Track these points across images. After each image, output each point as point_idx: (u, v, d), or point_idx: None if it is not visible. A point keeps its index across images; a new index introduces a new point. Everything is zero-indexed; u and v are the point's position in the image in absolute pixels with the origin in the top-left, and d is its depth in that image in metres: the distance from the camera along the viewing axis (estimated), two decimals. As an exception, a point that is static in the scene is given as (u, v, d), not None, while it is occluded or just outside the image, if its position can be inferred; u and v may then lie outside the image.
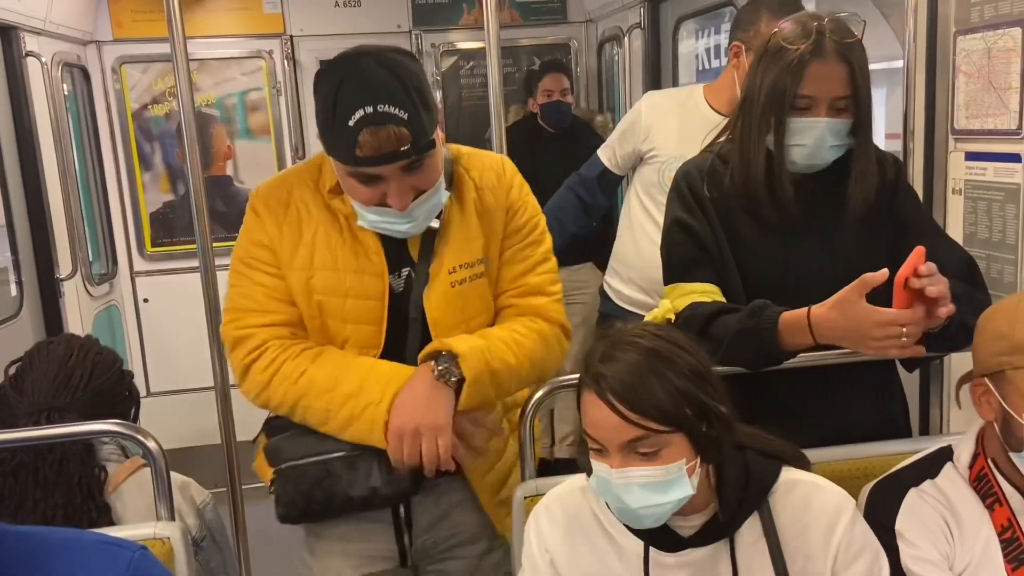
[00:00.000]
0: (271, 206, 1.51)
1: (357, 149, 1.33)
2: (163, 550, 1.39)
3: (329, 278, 1.48)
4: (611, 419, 1.14)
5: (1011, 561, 1.26)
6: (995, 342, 1.27)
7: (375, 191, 1.39)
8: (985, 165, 1.79)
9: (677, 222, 1.60)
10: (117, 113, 4.16)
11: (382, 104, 1.31)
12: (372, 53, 1.38)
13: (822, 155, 1.50)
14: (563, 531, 1.28)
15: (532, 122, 3.93)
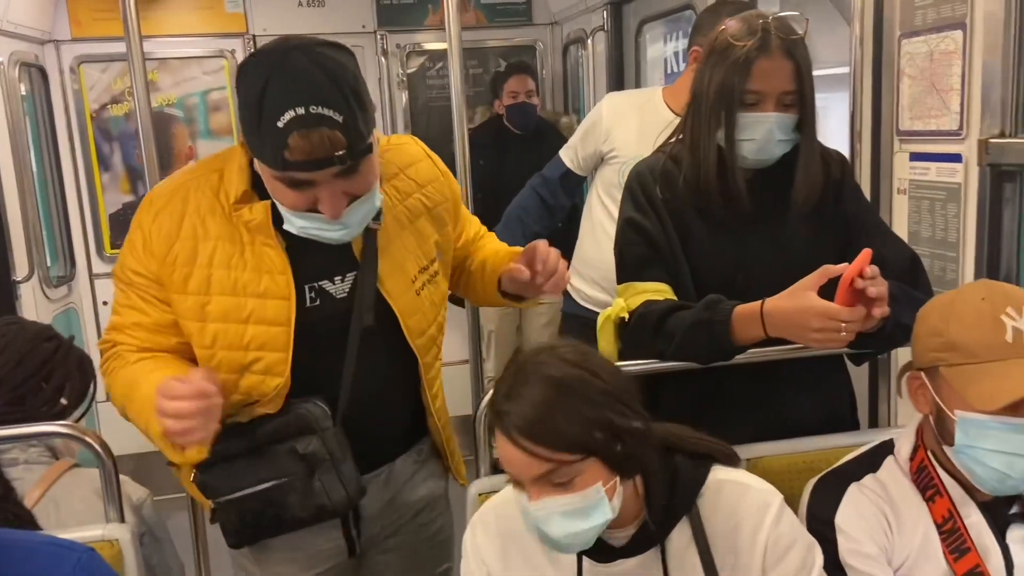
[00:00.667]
0: (162, 225, 1.37)
1: (286, 152, 1.21)
2: (112, 552, 1.38)
3: (227, 303, 1.37)
4: (518, 456, 1.12)
5: (953, 552, 1.28)
6: (930, 338, 1.29)
7: (305, 196, 1.28)
8: (928, 165, 1.83)
9: (630, 222, 1.62)
10: (75, 113, 4.10)
11: (315, 105, 1.20)
12: (302, 47, 1.25)
13: (771, 150, 1.53)
14: (499, 544, 1.28)
15: (498, 123, 3.95)
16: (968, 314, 1.25)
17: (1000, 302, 1.24)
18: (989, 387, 1.21)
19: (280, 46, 1.27)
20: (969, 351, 1.23)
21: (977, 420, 1.22)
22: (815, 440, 1.60)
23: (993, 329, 1.22)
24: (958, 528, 1.29)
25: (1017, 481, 1.24)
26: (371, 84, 4.40)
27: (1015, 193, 1.68)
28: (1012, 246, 1.70)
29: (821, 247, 1.59)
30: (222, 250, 1.37)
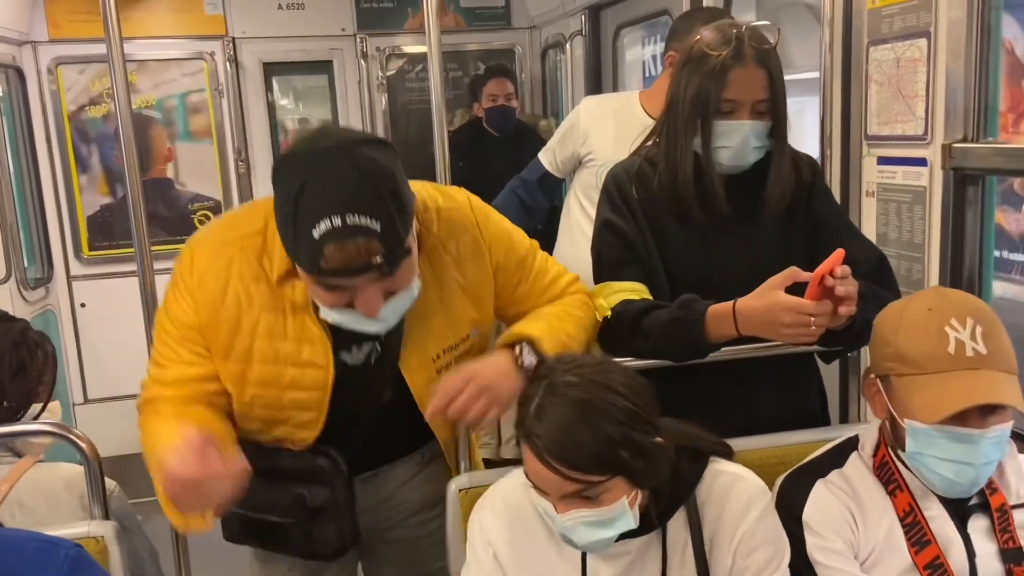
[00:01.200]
0: (207, 289, 1.35)
1: (322, 261, 1.17)
2: (97, 548, 1.39)
3: (267, 372, 1.38)
4: (549, 476, 1.17)
5: (914, 544, 1.32)
6: (882, 347, 1.34)
7: (341, 296, 1.25)
8: (895, 169, 1.89)
9: (606, 224, 1.66)
10: (53, 114, 4.08)
11: (351, 214, 1.15)
12: (340, 149, 1.19)
13: (746, 156, 1.58)
14: (505, 524, 1.32)
15: (477, 126, 3.97)
16: (915, 325, 1.28)
17: (946, 313, 1.27)
18: (931, 398, 1.24)
19: (317, 145, 1.22)
20: (914, 362, 1.27)
21: (923, 429, 1.26)
22: (786, 436, 1.64)
23: (936, 341, 1.25)
24: (919, 521, 1.33)
25: (964, 487, 1.28)
26: (350, 87, 4.45)
27: (977, 196, 1.74)
28: (974, 247, 1.75)
29: (792, 248, 1.63)
30: (265, 320, 1.36)
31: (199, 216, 4.29)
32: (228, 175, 4.30)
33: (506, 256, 1.50)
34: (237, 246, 1.36)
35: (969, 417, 1.24)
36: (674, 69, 1.65)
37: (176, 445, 1.22)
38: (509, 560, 1.31)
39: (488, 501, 1.36)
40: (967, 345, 1.24)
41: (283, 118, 4.46)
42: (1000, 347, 1.26)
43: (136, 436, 3.94)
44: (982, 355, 1.24)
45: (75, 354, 4.18)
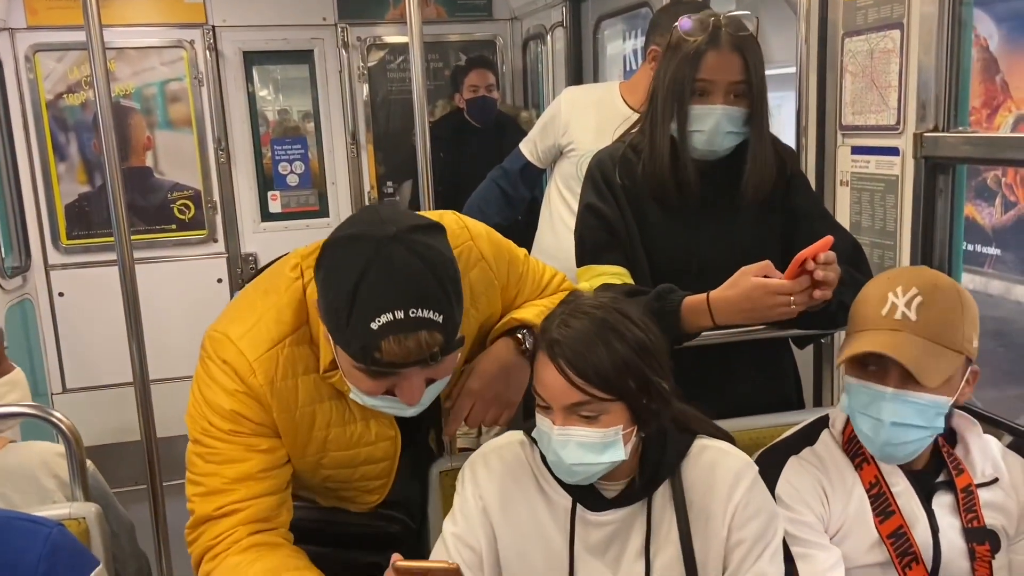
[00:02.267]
0: (282, 395, 1.29)
1: (377, 353, 1.12)
2: (79, 530, 1.40)
3: (343, 457, 1.37)
4: (559, 382, 1.21)
5: (879, 514, 1.37)
6: (851, 322, 1.40)
7: (383, 383, 1.20)
8: (868, 158, 1.93)
9: (589, 207, 1.69)
10: (30, 102, 4.04)
11: (415, 308, 1.10)
12: (400, 237, 1.13)
13: (719, 141, 1.60)
14: (499, 479, 1.34)
15: (458, 117, 3.98)
16: (869, 289, 1.37)
17: (897, 281, 1.34)
18: (846, 347, 1.34)
19: (375, 231, 1.14)
20: (854, 320, 1.37)
21: (849, 382, 1.35)
22: (760, 418, 1.67)
23: (876, 303, 1.33)
24: (884, 492, 1.38)
25: (879, 444, 1.32)
26: (331, 77, 4.44)
27: (947, 185, 1.78)
28: (944, 236, 1.79)
29: (769, 236, 1.67)
30: (335, 412, 1.34)
31: (178, 206, 4.27)
32: (208, 164, 4.28)
33: (508, 275, 1.51)
34: (290, 340, 1.30)
35: (890, 377, 1.30)
36: (658, 60, 1.68)
37: None
38: (498, 515, 1.33)
39: (482, 456, 1.38)
40: (899, 309, 1.31)
41: (263, 108, 4.44)
42: (933, 320, 1.31)
43: (117, 425, 3.91)
44: (909, 320, 1.30)
45: (53, 344, 4.15)
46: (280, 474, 1.32)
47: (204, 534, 1.29)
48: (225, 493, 1.28)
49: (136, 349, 2.40)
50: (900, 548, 1.36)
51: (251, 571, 1.25)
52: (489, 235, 1.50)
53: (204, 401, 1.30)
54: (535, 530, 1.32)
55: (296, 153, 4.46)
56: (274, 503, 1.30)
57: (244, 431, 1.29)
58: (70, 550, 1.20)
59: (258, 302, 1.33)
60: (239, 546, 1.27)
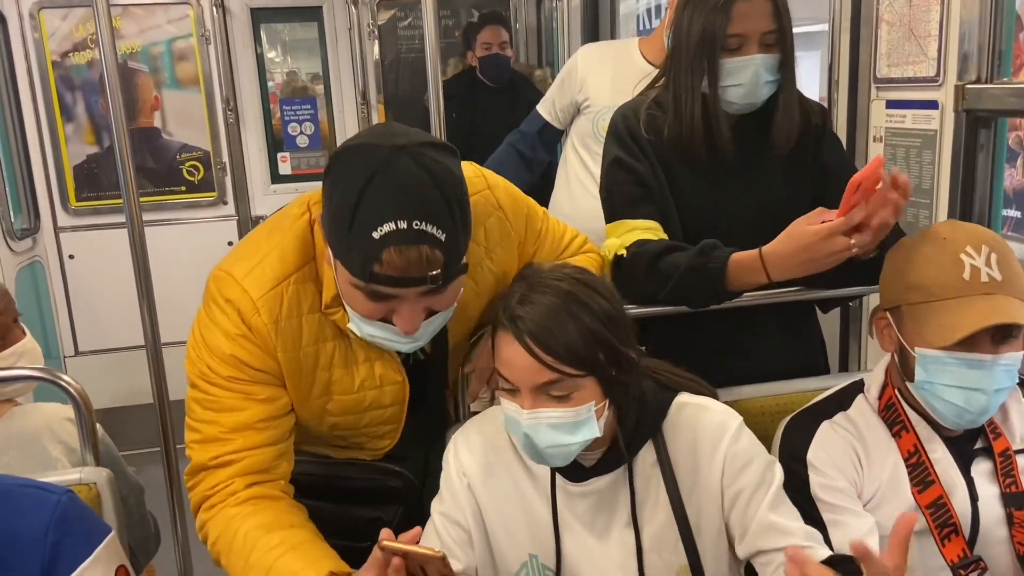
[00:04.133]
0: (286, 334, 1.25)
1: (376, 265, 1.09)
2: (89, 495, 1.37)
3: (348, 401, 1.33)
4: (526, 361, 1.15)
5: (916, 484, 1.32)
6: (894, 279, 1.33)
7: (382, 307, 1.17)
8: (904, 112, 1.84)
9: (617, 161, 1.61)
10: (36, 61, 3.97)
11: (419, 220, 1.07)
12: (410, 149, 1.11)
13: (759, 92, 1.52)
14: (480, 456, 1.31)
15: (471, 75, 3.90)
16: (929, 254, 1.28)
17: (961, 241, 1.26)
18: (944, 324, 1.24)
19: (384, 142, 1.12)
20: (927, 290, 1.27)
21: (934, 356, 1.26)
22: (787, 384, 1.62)
23: (951, 268, 1.25)
24: (923, 462, 1.33)
25: (975, 415, 1.27)
26: (341, 35, 4.34)
27: (989, 139, 1.70)
28: (985, 192, 1.72)
29: (798, 193, 1.60)
30: (339, 349, 1.30)
31: (188, 167, 4.21)
32: (216, 125, 4.21)
33: (526, 229, 1.46)
34: (295, 277, 1.26)
35: (980, 343, 1.23)
36: (675, 12, 1.59)
37: None
38: (482, 490, 1.30)
39: (463, 433, 1.35)
40: (982, 271, 1.24)
41: (272, 67, 4.36)
42: (1014, 274, 1.26)
43: (129, 388, 3.92)
44: (997, 281, 1.24)
45: (64, 306, 4.14)
46: (280, 424, 1.29)
47: (202, 482, 1.27)
48: (222, 442, 1.25)
49: (147, 311, 2.37)
50: (940, 519, 1.31)
51: (246, 525, 1.22)
52: (507, 186, 1.45)
53: (204, 344, 1.27)
54: (519, 504, 1.29)
55: (306, 114, 4.39)
56: (272, 454, 1.27)
57: (243, 377, 1.25)
58: (80, 517, 1.18)
59: (263, 241, 1.30)
60: (236, 498, 1.24)
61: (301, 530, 1.24)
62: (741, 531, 1.25)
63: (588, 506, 1.26)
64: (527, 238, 1.47)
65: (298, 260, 1.27)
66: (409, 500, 1.47)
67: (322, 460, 1.47)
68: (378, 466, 1.46)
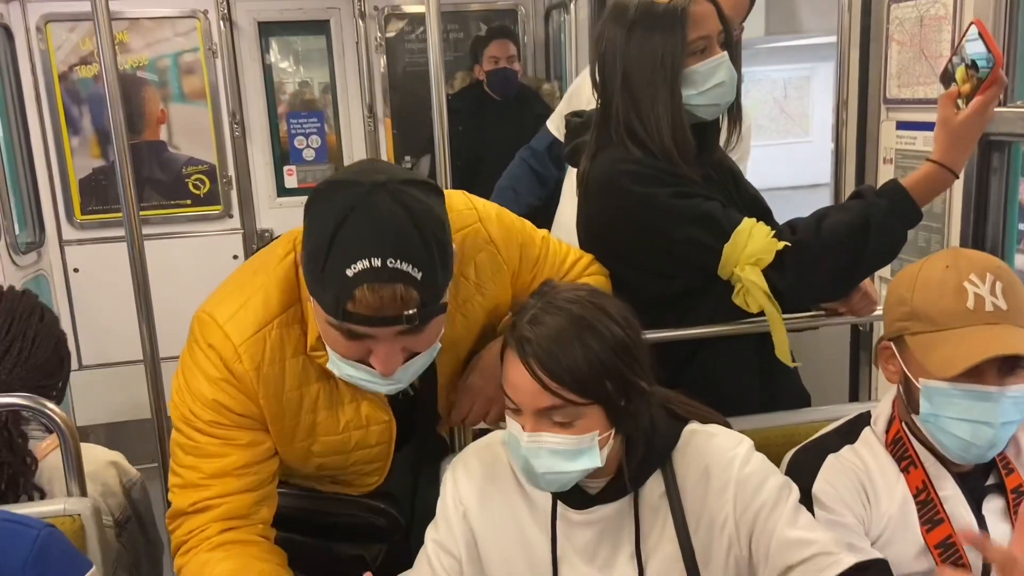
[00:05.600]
0: (268, 379, 1.24)
1: (350, 303, 1.07)
2: (73, 527, 1.34)
3: (333, 442, 1.31)
4: (530, 384, 1.12)
5: (926, 523, 1.28)
6: (896, 307, 1.29)
7: (358, 347, 1.15)
8: (915, 134, 1.80)
9: (671, 196, 1.45)
10: (43, 74, 3.96)
11: (393, 258, 1.05)
12: (389, 187, 1.09)
13: (734, 89, 1.51)
14: (478, 483, 1.27)
15: (478, 89, 3.87)
16: (932, 282, 1.25)
17: (964, 269, 1.23)
18: (947, 353, 1.20)
19: (362, 179, 1.10)
20: (931, 319, 1.23)
21: (939, 388, 1.22)
22: (793, 414, 1.58)
23: (955, 297, 1.22)
24: (932, 499, 1.29)
25: (982, 449, 1.23)
26: (348, 49, 4.33)
27: (1003, 163, 1.66)
28: (999, 218, 1.68)
29: None
30: (324, 391, 1.28)
31: (193, 180, 4.20)
32: (223, 139, 4.20)
33: (521, 260, 1.43)
34: (279, 321, 1.24)
35: (986, 375, 1.20)
36: (602, 49, 1.52)
37: None
38: (478, 520, 1.26)
39: (462, 460, 1.31)
40: (986, 300, 1.21)
41: (279, 80, 4.35)
42: (1021, 304, 1.22)
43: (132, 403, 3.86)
44: (1002, 310, 1.20)
45: (69, 320, 4.12)
46: (261, 470, 1.28)
47: (180, 527, 1.26)
48: (201, 488, 1.24)
49: (146, 326, 2.35)
50: (949, 558, 1.26)
51: (216, 570, 1.20)
52: (500, 217, 1.41)
53: (187, 388, 1.26)
54: (517, 534, 1.25)
55: (312, 127, 4.37)
56: (251, 500, 1.26)
57: (225, 422, 1.24)
58: (59, 553, 1.15)
59: (247, 282, 1.28)
60: (209, 543, 1.23)
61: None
62: (764, 553, 1.20)
63: (590, 537, 1.22)
64: (522, 269, 1.43)
65: (282, 303, 1.24)
66: (394, 539, 1.44)
67: (307, 494, 1.44)
68: (364, 503, 1.44)
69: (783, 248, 1.41)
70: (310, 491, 1.44)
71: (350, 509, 1.43)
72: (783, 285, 1.42)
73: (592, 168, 1.54)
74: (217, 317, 1.25)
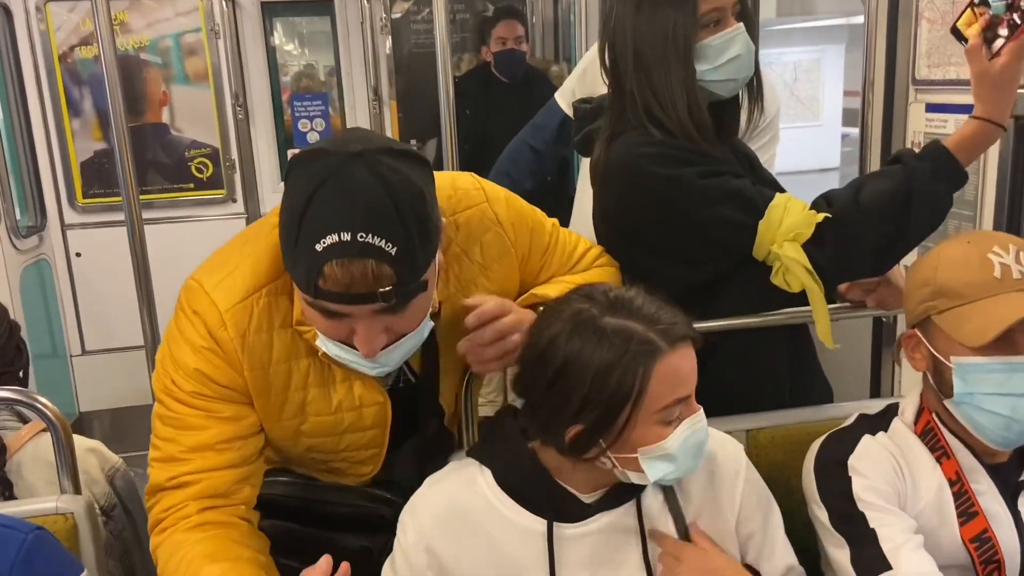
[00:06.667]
0: (254, 350, 1.18)
1: (320, 280, 1.02)
2: (66, 526, 1.29)
3: (324, 422, 1.25)
4: (692, 364, 1.09)
5: (960, 516, 1.24)
6: (920, 290, 1.25)
7: (339, 326, 1.10)
8: (946, 117, 1.73)
9: (697, 175, 1.38)
10: (43, 55, 3.90)
11: (364, 232, 0.99)
12: (365, 156, 1.03)
13: (751, 63, 1.44)
14: (453, 530, 1.16)
15: (485, 71, 3.82)
16: (955, 258, 1.22)
17: (986, 243, 1.21)
18: (978, 323, 1.17)
19: (339, 148, 1.04)
20: (957, 293, 1.20)
21: (973, 364, 1.18)
22: (817, 411, 1.51)
23: (980, 267, 1.19)
24: (966, 491, 1.25)
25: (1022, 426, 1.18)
26: (353, 30, 4.25)
27: (1040, 147, 1.59)
28: (1034, 204, 1.60)
29: None
30: (314, 368, 1.23)
31: (196, 164, 4.13)
32: (226, 121, 4.13)
33: (530, 246, 1.37)
34: (267, 290, 1.19)
35: (1020, 344, 1.16)
36: (611, 24, 1.45)
37: None
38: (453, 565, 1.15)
39: (427, 506, 1.18)
40: (1012, 268, 1.18)
41: (282, 62, 4.28)
42: None
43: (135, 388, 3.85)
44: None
45: (72, 305, 4.08)
46: (243, 446, 1.21)
47: (157, 504, 1.21)
48: (180, 463, 1.19)
49: (147, 312, 2.30)
50: (984, 554, 1.22)
51: (191, 553, 1.15)
52: (508, 199, 1.35)
53: (170, 356, 1.21)
54: (507, 569, 1.15)
55: (316, 110, 4.30)
56: (232, 477, 1.20)
57: (207, 393, 1.19)
58: (49, 556, 1.10)
59: (237, 251, 1.24)
60: (187, 522, 1.18)
61: (247, 564, 1.16)
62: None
63: (588, 550, 1.14)
64: (531, 254, 1.37)
65: (272, 272, 1.19)
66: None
67: (308, 482, 1.38)
68: (367, 492, 1.38)
69: (822, 221, 1.33)
70: (311, 479, 1.39)
71: (354, 499, 1.38)
72: (824, 260, 1.34)
73: (609, 154, 1.46)
74: (204, 283, 1.20)
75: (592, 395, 1.05)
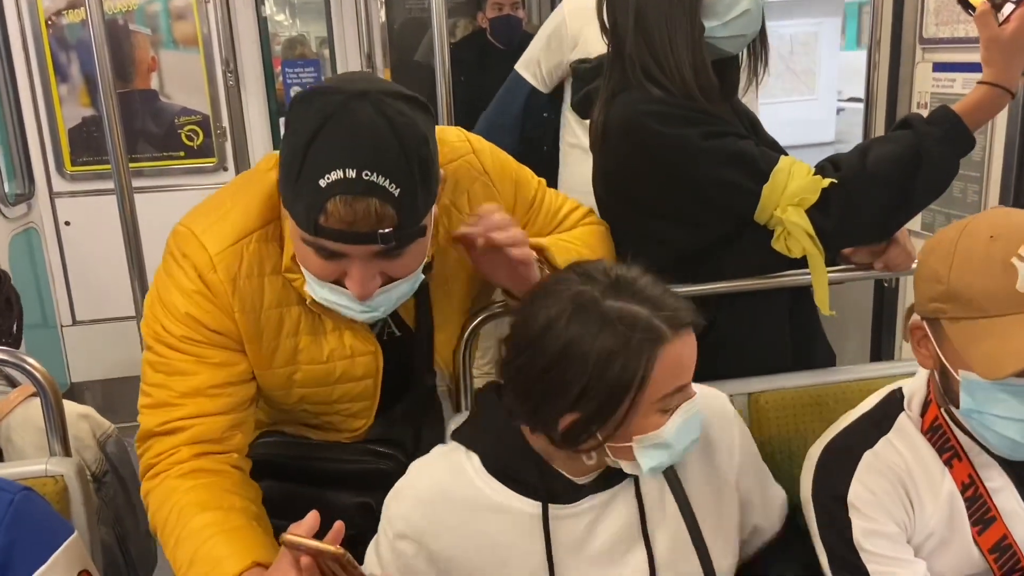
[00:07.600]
0: (245, 295, 1.17)
1: (322, 216, 1.01)
2: (56, 488, 1.26)
3: (316, 371, 1.25)
4: (692, 350, 1.03)
5: (976, 523, 1.15)
6: (930, 284, 1.11)
7: (333, 267, 1.09)
8: (953, 76, 1.69)
9: (701, 136, 1.34)
10: (29, 20, 3.81)
11: (369, 170, 0.99)
12: (372, 96, 1.02)
13: (759, 18, 1.40)
14: (440, 519, 1.12)
15: (481, 38, 3.77)
16: (973, 256, 1.05)
17: (1014, 239, 1.03)
18: (992, 349, 1.03)
19: (344, 87, 1.04)
20: (972, 303, 1.04)
21: (983, 384, 1.05)
22: (820, 374, 1.49)
23: (1002, 276, 1.02)
24: (981, 495, 1.15)
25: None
26: (347, -6, 4.18)
27: (1050, 107, 1.55)
28: (1044, 166, 1.57)
29: None
30: (305, 316, 1.22)
31: (186, 131, 4.07)
32: (216, 88, 4.05)
33: (515, 198, 1.37)
34: (258, 235, 1.18)
35: None
36: None
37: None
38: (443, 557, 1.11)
39: (410, 486, 1.15)
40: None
41: (274, 27, 4.20)
42: None
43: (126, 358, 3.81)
44: None
45: (61, 274, 4.03)
46: (235, 392, 1.21)
47: (149, 449, 1.20)
48: (172, 408, 1.18)
49: (137, 282, 2.26)
50: (1006, 564, 1.14)
51: (183, 500, 1.15)
52: (494, 151, 1.35)
53: (160, 301, 1.19)
54: (500, 555, 1.11)
55: (309, 77, 4.23)
56: (224, 423, 1.19)
57: (197, 338, 1.18)
58: (38, 517, 1.08)
59: (228, 197, 1.23)
60: (180, 468, 1.17)
61: (238, 514, 1.15)
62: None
63: (582, 528, 1.11)
64: (517, 207, 1.36)
65: (262, 217, 1.18)
66: None
67: (302, 441, 1.37)
68: (365, 447, 1.37)
69: (828, 185, 1.30)
70: (303, 438, 1.38)
71: (352, 454, 1.37)
72: (828, 225, 1.32)
73: (610, 115, 1.43)
74: (194, 228, 1.19)
75: (592, 383, 0.99)
